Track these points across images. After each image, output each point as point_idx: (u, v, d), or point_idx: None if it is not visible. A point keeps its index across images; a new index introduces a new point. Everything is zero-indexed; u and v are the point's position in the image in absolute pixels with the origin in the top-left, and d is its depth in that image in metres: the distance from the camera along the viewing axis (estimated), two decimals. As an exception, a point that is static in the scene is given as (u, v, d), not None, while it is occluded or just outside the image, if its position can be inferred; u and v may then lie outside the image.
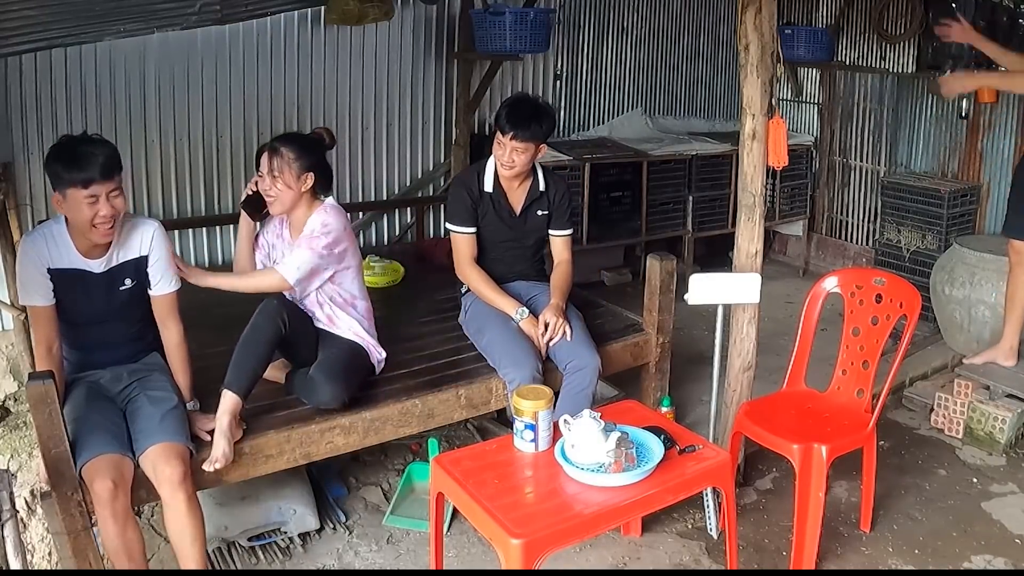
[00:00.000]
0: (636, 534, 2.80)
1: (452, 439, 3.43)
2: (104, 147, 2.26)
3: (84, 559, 2.20)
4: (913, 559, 2.73)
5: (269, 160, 2.62)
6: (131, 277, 2.42)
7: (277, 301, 2.59)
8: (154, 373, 2.48)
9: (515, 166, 2.95)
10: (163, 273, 2.45)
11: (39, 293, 2.31)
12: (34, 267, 2.30)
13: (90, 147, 2.24)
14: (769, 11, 2.68)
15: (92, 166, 2.21)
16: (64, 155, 2.23)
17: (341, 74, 4.34)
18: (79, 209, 2.23)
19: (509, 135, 2.89)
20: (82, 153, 2.22)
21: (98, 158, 2.23)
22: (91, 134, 2.33)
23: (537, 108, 2.94)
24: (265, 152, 2.64)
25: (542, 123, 2.91)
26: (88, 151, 2.23)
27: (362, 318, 2.81)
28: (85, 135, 2.31)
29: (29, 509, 2.82)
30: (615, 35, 5.44)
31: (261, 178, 2.64)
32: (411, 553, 2.74)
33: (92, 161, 2.22)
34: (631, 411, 2.51)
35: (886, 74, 5.27)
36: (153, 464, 2.21)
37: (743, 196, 2.89)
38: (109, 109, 3.76)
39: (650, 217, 5.06)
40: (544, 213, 3.12)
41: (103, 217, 2.26)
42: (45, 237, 2.33)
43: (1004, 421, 3.35)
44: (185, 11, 2.40)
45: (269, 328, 2.50)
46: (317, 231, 2.63)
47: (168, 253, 2.46)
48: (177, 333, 2.50)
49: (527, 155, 2.93)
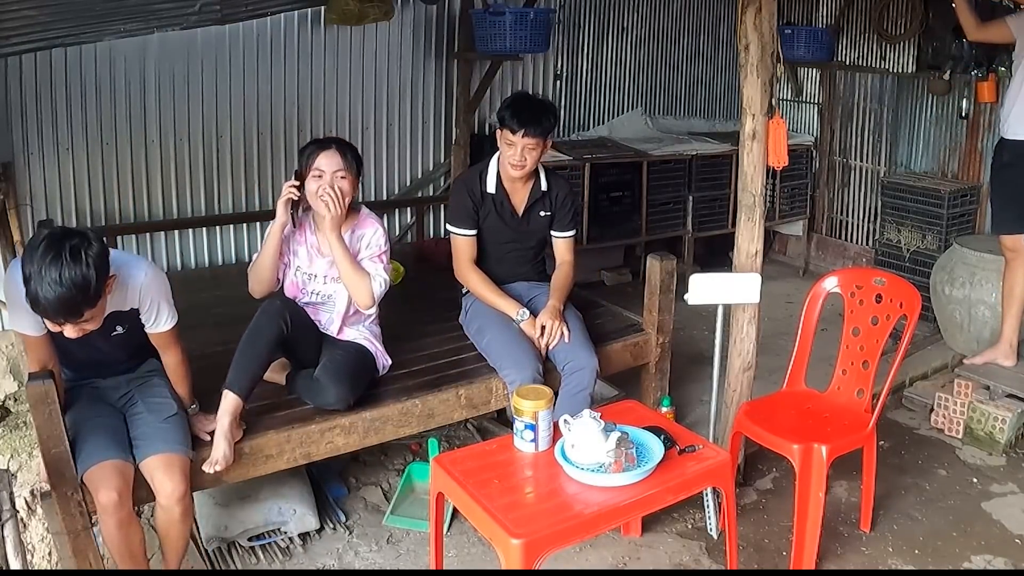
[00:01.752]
0: (636, 534, 2.80)
1: (452, 439, 3.43)
2: (77, 275, 1.90)
3: (84, 559, 2.20)
4: (913, 559, 2.72)
5: (339, 158, 2.56)
6: (122, 324, 2.28)
7: (280, 302, 2.57)
8: (153, 379, 2.47)
9: (527, 164, 2.93)
10: (157, 316, 2.30)
11: (29, 324, 2.14)
12: (21, 301, 2.02)
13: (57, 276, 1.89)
14: (769, 11, 2.68)
15: (50, 306, 1.91)
16: (30, 278, 1.92)
17: (341, 74, 4.34)
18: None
19: (520, 133, 2.86)
20: (46, 286, 1.89)
21: (58, 298, 1.91)
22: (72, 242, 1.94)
23: (541, 103, 2.95)
24: (323, 151, 2.56)
25: (549, 117, 2.91)
26: (51, 284, 1.89)
27: (372, 324, 2.82)
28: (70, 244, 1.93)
29: (29, 509, 2.82)
30: (615, 35, 5.44)
31: (319, 177, 2.55)
32: (411, 553, 2.73)
33: (51, 300, 1.90)
34: (631, 411, 2.51)
35: (886, 74, 5.27)
36: (152, 474, 2.22)
37: (743, 196, 2.89)
38: (109, 109, 3.76)
39: (650, 217, 5.06)
40: (547, 214, 3.11)
41: (74, 332, 2.04)
42: None
43: (1004, 421, 3.35)
44: (185, 11, 2.40)
45: (271, 329, 2.49)
46: (384, 246, 2.69)
47: (162, 293, 2.28)
48: (175, 358, 2.41)
49: (538, 151, 2.93)
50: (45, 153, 3.62)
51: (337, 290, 2.71)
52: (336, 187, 2.55)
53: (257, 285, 2.69)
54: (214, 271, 4.15)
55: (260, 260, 2.66)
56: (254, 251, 4.22)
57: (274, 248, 2.62)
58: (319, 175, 2.56)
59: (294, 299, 2.70)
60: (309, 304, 2.74)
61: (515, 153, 2.90)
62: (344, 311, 2.73)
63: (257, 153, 4.20)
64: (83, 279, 1.93)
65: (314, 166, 2.56)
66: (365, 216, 2.74)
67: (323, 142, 2.61)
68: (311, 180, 2.57)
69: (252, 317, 2.60)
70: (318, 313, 2.76)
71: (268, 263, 2.64)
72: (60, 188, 3.71)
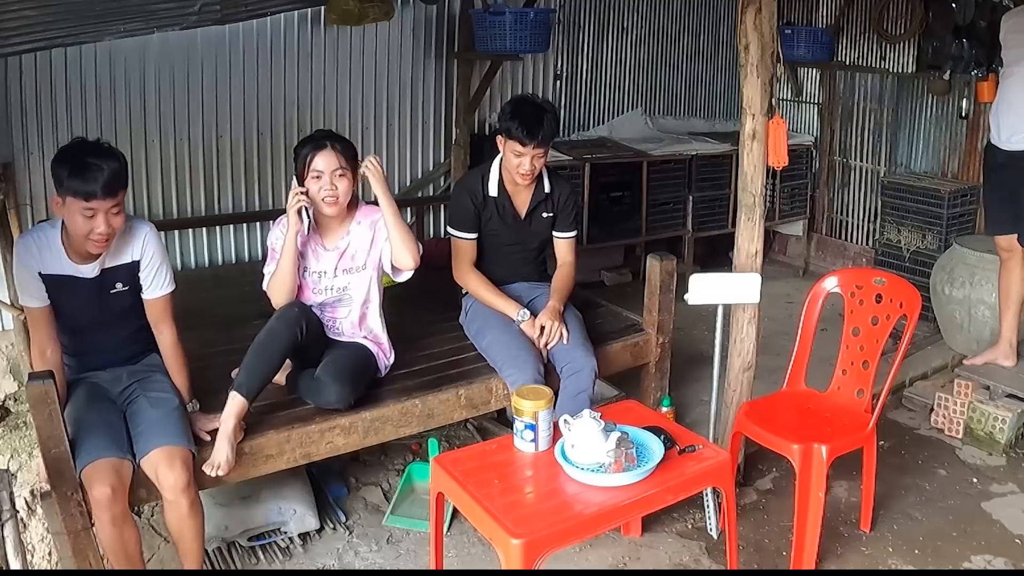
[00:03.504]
0: (636, 534, 2.80)
1: (452, 439, 3.43)
2: (112, 162, 2.21)
3: (84, 559, 2.20)
4: (913, 559, 2.73)
5: (337, 158, 2.55)
6: (123, 281, 2.39)
7: (298, 309, 2.57)
8: (154, 374, 2.47)
9: (535, 172, 2.94)
10: (155, 276, 2.41)
11: (32, 295, 2.31)
12: (26, 270, 2.30)
13: (98, 159, 2.18)
14: (769, 11, 2.68)
15: (96, 181, 2.16)
16: (71, 161, 2.18)
17: (341, 74, 4.34)
18: (76, 219, 2.21)
19: (531, 145, 2.84)
20: (90, 164, 2.16)
21: (104, 173, 2.17)
22: (103, 143, 2.27)
23: (544, 109, 2.90)
24: (320, 152, 2.55)
25: (554, 122, 2.90)
26: (95, 164, 2.17)
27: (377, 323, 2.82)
28: (97, 143, 2.26)
29: (29, 509, 2.82)
30: (615, 35, 5.44)
31: (318, 178, 2.54)
32: (411, 553, 2.73)
33: (97, 175, 2.16)
34: (631, 411, 2.51)
35: (886, 74, 5.27)
36: (155, 468, 2.21)
37: (743, 196, 2.89)
38: (109, 109, 3.76)
39: (650, 217, 5.06)
40: (549, 215, 3.11)
41: (98, 234, 2.22)
42: (37, 242, 2.31)
43: (1004, 421, 3.35)
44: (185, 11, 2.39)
45: (287, 335, 2.49)
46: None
47: (161, 256, 2.42)
48: (170, 336, 2.47)
49: (545, 157, 2.94)
50: (45, 153, 3.62)
51: (351, 281, 2.70)
52: (335, 185, 2.56)
53: (280, 296, 2.63)
54: (214, 271, 4.15)
55: (280, 273, 2.61)
56: (254, 251, 4.26)
57: (292, 258, 2.59)
58: (318, 176, 2.55)
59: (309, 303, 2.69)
60: (325, 304, 2.73)
61: (524, 163, 2.88)
62: (363, 300, 2.73)
63: (257, 153, 4.20)
64: (118, 159, 2.24)
65: (312, 168, 2.55)
66: (363, 204, 2.73)
67: (318, 142, 2.58)
68: (311, 181, 2.56)
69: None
70: (335, 311, 2.74)
71: (289, 274, 2.60)
72: (60, 188, 3.71)
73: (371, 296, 2.75)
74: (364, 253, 2.69)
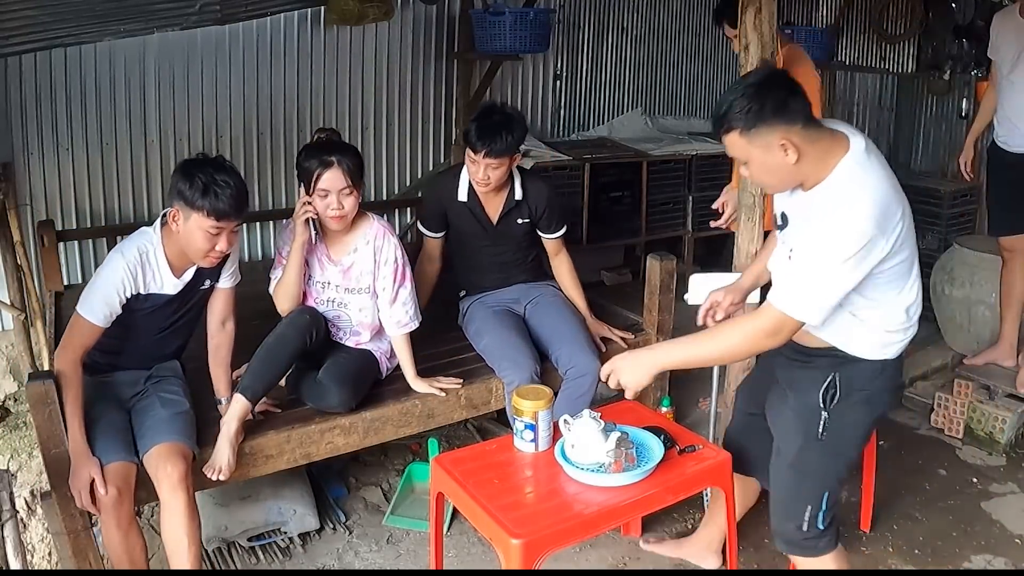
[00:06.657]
0: (636, 534, 2.80)
1: (452, 439, 3.43)
2: (239, 181, 2.24)
3: (84, 559, 2.21)
4: (913, 559, 2.73)
5: (344, 177, 2.48)
6: (211, 277, 2.44)
7: (309, 316, 2.56)
8: (171, 377, 2.49)
9: (490, 183, 2.87)
10: (232, 265, 2.47)
11: (98, 312, 2.24)
12: (113, 289, 2.24)
13: (228, 178, 2.20)
14: (769, 11, 2.68)
15: (228, 201, 2.18)
16: (202, 179, 2.17)
17: (341, 74, 4.34)
18: (197, 235, 2.21)
19: (482, 153, 2.78)
20: (220, 183, 2.17)
21: (235, 192, 2.19)
22: (226, 161, 2.28)
23: (506, 118, 2.78)
24: (327, 170, 2.48)
25: (513, 133, 2.77)
26: (226, 182, 2.18)
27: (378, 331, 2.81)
28: (221, 161, 2.26)
29: (29, 509, 2.82)
30: (615, 35, 5.44)
31: (324, 196, 2.49)
32: (411, 553, 2.74)
33: (229, 195, 2.18)
34: (631, 411, 2.51)
35: (886, 74, 5.27)
36: (155, 463, 2.20)
37: (743, 196, 2.89)
38: (109, 109, 3.76)
39: (650, 217, 5.05)
40: (525, 221, 3.06)
41: (219, 252, 2.25)
42: (144, 263, 2.28)
43: (1004, 421, 3.35)
44: (185, 11, 2.40)
45: (297, 342, 2.48)
46: (401, 257, 2.66)
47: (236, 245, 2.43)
48: (233, 327, 2.54)
49: (502, 169, 2.85)
50: (45, 153, 3.62)
51: (351, 300, 2.69)
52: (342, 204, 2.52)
53: (285, 303, 2.64)
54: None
55: (286, 282, 2.61)
56: (254, 251, 4.26)
57: (298, 267, 2.59)
58: (324, 195, 2.50)
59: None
60: (327, 313, 2.71)
61: (478, 171, 2.85)
62: (361, 319, 2.71)
63: (257, 153, 4.19)
64: (241, 178, 2.27)
65: (319, 187, 2.49)
66: (372, 220, 2.69)
67: (325, 159, 2.49)
68: (317, 198, 2.51)
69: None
70: (338, 319, 2.72)
71: (294, 282, 2.61)
72: (60, 188, 3.70)
73: (370, 317, 2.73)
74: (368, 276, 2.66)
